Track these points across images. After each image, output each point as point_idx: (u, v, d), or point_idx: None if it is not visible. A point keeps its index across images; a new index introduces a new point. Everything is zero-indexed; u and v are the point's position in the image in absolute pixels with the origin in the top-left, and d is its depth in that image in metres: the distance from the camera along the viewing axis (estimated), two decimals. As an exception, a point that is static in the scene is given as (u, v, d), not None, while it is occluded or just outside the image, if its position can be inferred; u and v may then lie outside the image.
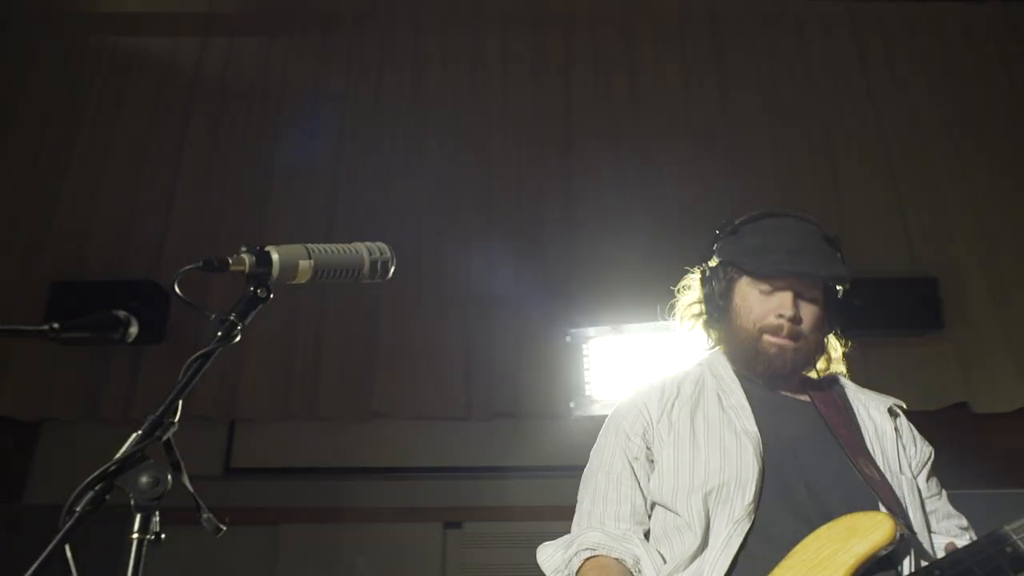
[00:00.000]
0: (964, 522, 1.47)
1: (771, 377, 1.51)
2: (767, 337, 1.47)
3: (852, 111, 4.91)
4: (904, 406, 1.60)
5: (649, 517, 1.47)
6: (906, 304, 4.16)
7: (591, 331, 3.44)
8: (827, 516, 1.28)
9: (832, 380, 1.62)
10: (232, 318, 1.14)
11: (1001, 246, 4.57)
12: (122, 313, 1.16)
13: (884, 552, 1.21)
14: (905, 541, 1.27)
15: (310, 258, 1.22)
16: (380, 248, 1.29)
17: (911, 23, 5.24)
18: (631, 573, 1.36)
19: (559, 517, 3.73)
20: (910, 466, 1.48)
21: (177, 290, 1.14)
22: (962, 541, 1.35)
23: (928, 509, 1.43)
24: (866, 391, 1.62)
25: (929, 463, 1.53)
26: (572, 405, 3.44)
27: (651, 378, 1.62)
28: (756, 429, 1.40)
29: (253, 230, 4.34)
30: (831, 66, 5.06)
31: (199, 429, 3.84)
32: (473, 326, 4.20)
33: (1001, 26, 5.28)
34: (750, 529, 1.29)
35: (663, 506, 1.42)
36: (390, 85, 4.86)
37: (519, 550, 3.83)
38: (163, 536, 0.99)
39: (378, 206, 4.47)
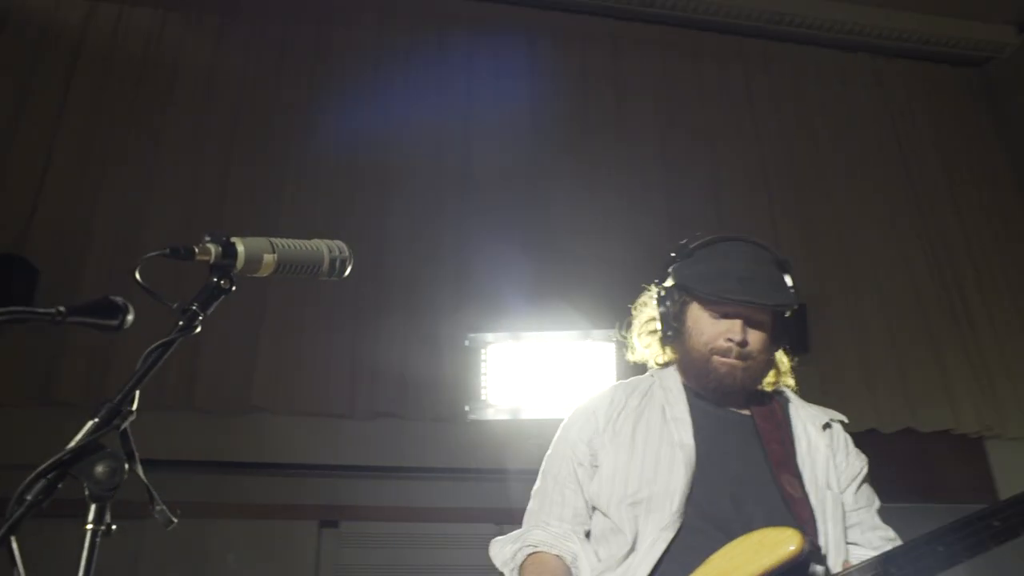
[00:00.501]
0: (890, 534, 1.54)
1: (720, 394, 1.59)
2: (716, 358, 1.55)
3: (738, 148, 5.20)
4: (845, 420, 1.70)
5: (590, 518, 1.56)
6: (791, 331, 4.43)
7: (490, 336, 3.49)
8: (748, 528, 1.36)
9: (777, 394, 1.70)
10: (194, 308, 1.12)
11: (862, 279, 4.97)
12: (120, 299, 1.12)
13: (790, 565, 1.29)
14: (814, 555, 1.35)
15: (274, 252, 1.21)
16: (339, 247, 1.28)
17: (797, 66, 5.63)
18: (568, 568, 1.48)
19: (445, 519, 3.78)
20: (839, 480, 1.55)
21: (138, 276, 1.11)
22: (872, 552, 1.42)
23: (852, 522, 1.51)
24: (809, 406, 1.70)
25: (859, 476, 1.61)
26: (467, 409, 3.47)
27: (606, 386, 1.72)
28: (692, 442, 1.49)
29: (136, 206, 4.15)
30: (719, 102, 5.36)
31: (64, 417, 3.63)
32: (364, 324, 4.17)
33: (875, 75, 5.77)
34: (675, 536, 1.38)
35: (600, 510, 1.51)
36: (288, 73, 4.77)
37: (395, 551, 3.85)
38: (114, 528, 0.96)
39: (264, 191, 4.38)
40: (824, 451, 1.56)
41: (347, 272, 1.27)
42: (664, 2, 5.32)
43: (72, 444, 0.96)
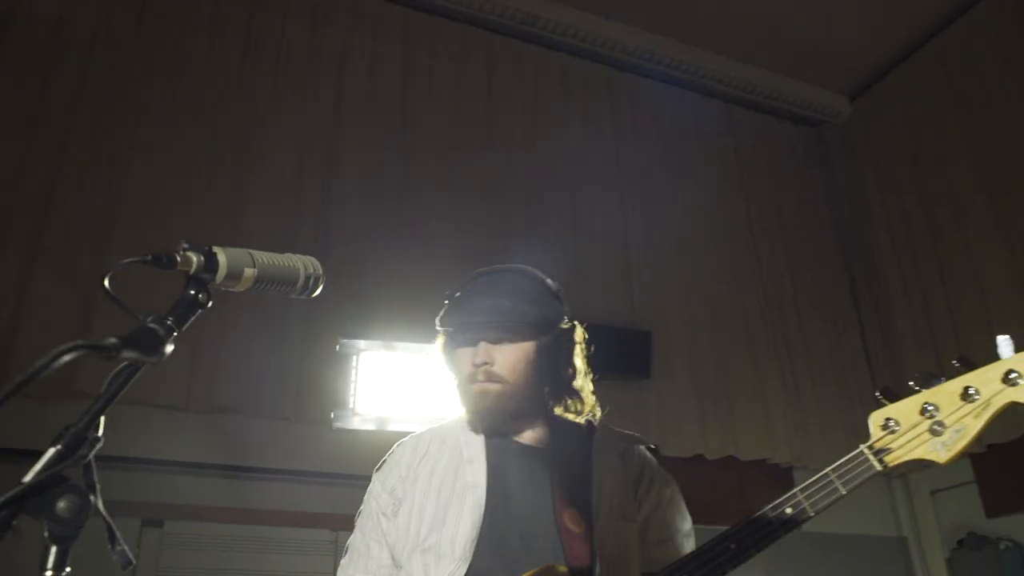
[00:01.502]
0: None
1: (486, 422, 1.58)
2: (470, 386, 1.56)
3: (598, 183, 5.44)
4: (652, 445, 1.71)
5: (399, 570, 1.51)
6: (624, 353, 4.68)
7: (362, 343, 3.43)
8: (535, 566, 1.34)
9: (582, 428, 1.67)
10: (169, 323, 1.03)
11: (701, 311, 5.34)
12: (159, 329, 1.00)
13: None
14: None
15: (255, 266, 1.14)
16: (314, 264, 1.21)
17: (657, 104, 5.98)
18: None
19: (279, 522, 3.65)
20: (638, 511, 1.55)
21: (107, 284, 1.01)
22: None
23: (653, 542, 1.53)
24: (615, 432, 1.69)
25: (662, 499, 1.61)
26: (333, 416, 3.38)
27: (419, 431, 1.70)
28: (484, 483, 1.47)
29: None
30: (585, 133, 5.61)
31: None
32: (213, 312, 3.98)
33: (727, 121, 6.24)
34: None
35: (396, 560, 1.49)
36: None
37: (221, 553, 3.70)
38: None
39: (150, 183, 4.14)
40: (621, 479, 1.54)
41: (318, 291, 1.20)
42: (536, 22, 5.51)
43: (31, 476, 0.84)
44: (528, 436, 1.61)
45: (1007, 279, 4.96)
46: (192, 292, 1.08)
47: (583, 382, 1.68)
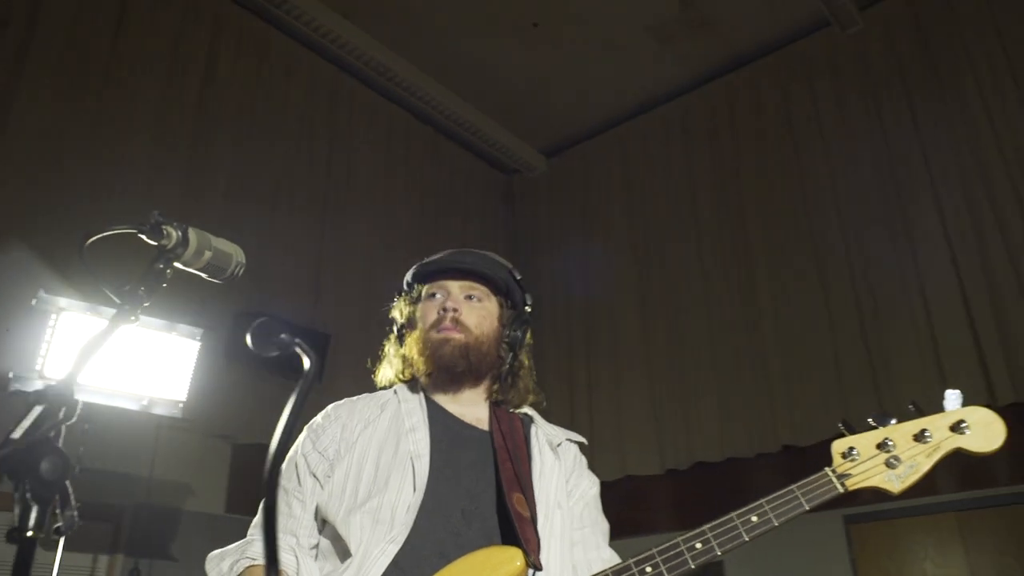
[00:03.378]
0: (606, 555, 1.57)
1: (442, 369, 1.61)
2: (432, 333, 1.61)
3: (304, 188, 5.54)
4: (584, 441, 1.74)
5: (320, 531, 1.53)
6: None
7: (63, 302, 3.05)
8: (475, 545, 1.40)
9: (521, 415, 1.71)
10: (141, 292, 1.05)
11: (378, 325, 5.61)
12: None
13: None
14: (535, 573, 1.41)
15: (211, 250, 1.17)
16: (240, 254, 1.24)
17: (375, 116, 6.23)
18: None
19: None
20: (568, 498, 1.60)
21: (83, 252, 1.01)
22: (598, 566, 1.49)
23: (575, 540, 1.56)
24: (550, 427, 1.72)
25: (587, 496, 1.64)
26: (11, 375, 2.96)
27: (350, 397, 1.69)
28: (428, 454, 1.50)
29: None
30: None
31: None
32: None
33: (434, 148, 6.67)
34: (401, 548, 1.38)
35: (329, 520, 1.49)
36: None
37: None
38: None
39: None
40: (558, 470, 1.61)
41: (234, 280, 1.23)
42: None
43: (17, 435, 0.83)
44: (471, 416, 1.64)
45: (656, 354, 5.98)
46: (161, 266, 1.11)
47: (527, 376, 1.72)
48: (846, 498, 1.41)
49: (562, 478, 1.61)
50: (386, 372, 1.72)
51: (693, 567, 1.37)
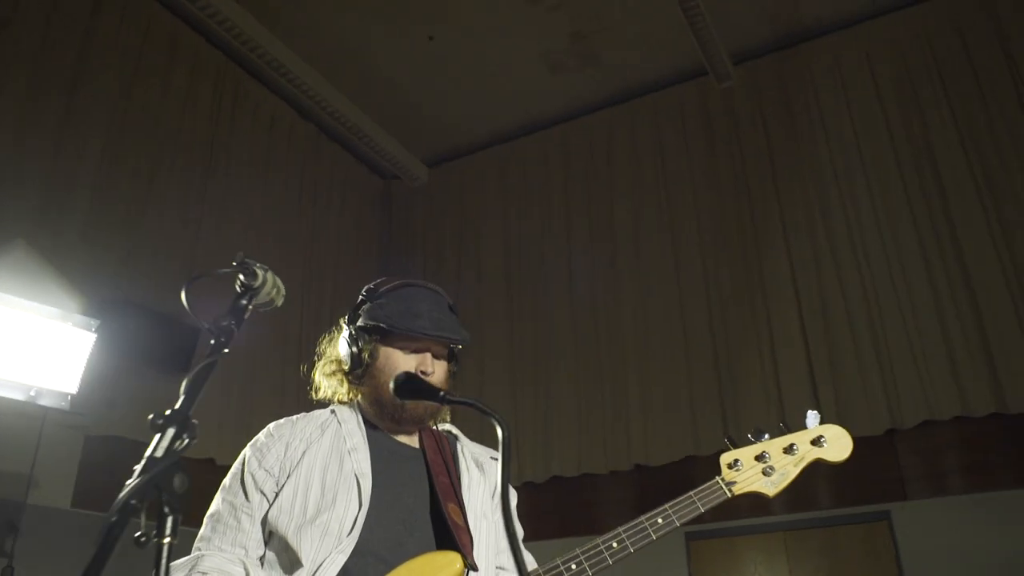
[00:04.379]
0: (529, 558, 1.69)
1: (410, 424, 1.76)
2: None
3: (180, 158, 5.43)
4: (496, 458, 1.85)
5: (266, 544, 1.63)
6: (169, 344, 4.69)
7: None
8: (417, 550, 1.57)
9: (446, 433, 1.87)
10: (232, 326, 1.19)
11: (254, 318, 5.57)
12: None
13: None
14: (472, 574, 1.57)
15: (275, 287, 1.30)
16: (280, 288, 1.34)
17: (261, 110, 6.17)
18: None
19: None
20: (494, 511, 1.77)
21: (184, 296, 1.14)
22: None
23: (501, 548, 1.74)
24: (474, 445, 1.90)
25: (512, 506, 1.74)
26: None
27: (289, 417, 1.78)
28: (369, 471, 1.64)
29: None
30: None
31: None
32: None
33: (316, 149, 6.66)
34: (351, 556, 1.53)
35: (278, 534, 1.59)
36: None
37: None
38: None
39: None
40: (483, 485, 1.79)
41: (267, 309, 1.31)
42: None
43: (158, 455, 0.95)
44: (403, 436, 1.78)
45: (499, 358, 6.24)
46: (244, 302, 1.25)
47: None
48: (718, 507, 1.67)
49: (487, 492, 1.79)
50: (326, 391, 1.84)
51: (611, 563, 1.57)
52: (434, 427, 1.85)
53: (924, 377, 5.08)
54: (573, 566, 1.56)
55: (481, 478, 1.80)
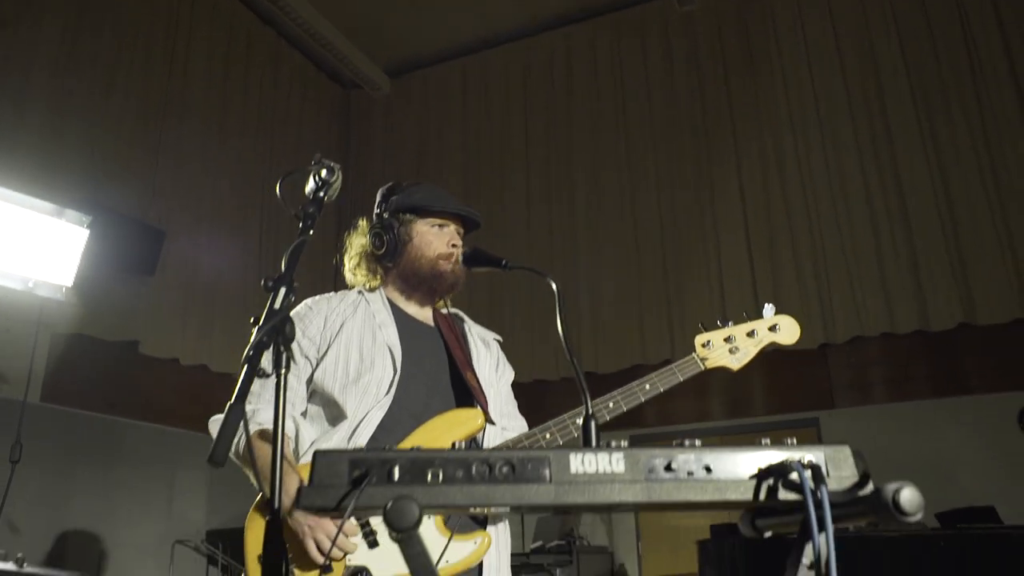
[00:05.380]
0: (520, 423, 2.06)
1: (446, 289, 2.03)
2: (443, 262, 1.99)
3: (138, 69, 5.44)
4: (500, 339, 2.19)
5: (308, 401, 1.91)
6: (135, 248, 4.82)
7: None
8: (440, 408, 1.86)
9: (455, 315, 2.13)
10: (312, 211, 1.43)
11: (212, 224, 5.72)
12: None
13: (475, 435, 1.82)
14: (488, 428, 1.88)
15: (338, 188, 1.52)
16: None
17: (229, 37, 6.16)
18: (289, 440, 1.83)
19: None
20: (498, 381, 2.08)
21: (278, 189, 1.44)
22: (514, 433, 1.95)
23: (503, 412, 2.04)
24: (478, 327, 2.17)
25: (510, 381, 2.13)
26: None
27: (322, 295, 2.03)
28: (398, 342, 1.92)
29: None
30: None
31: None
32: None
33: (275, 59, 6.68)
34: (387, 412, 1.82)
35: (324, 393, 1.88)
36: None
37: None
38: None
39: None
40: (489, 359, 2.09)
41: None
42: None
43: (276, 308, 1.21)
44: (421, 316, 2.05)
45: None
46: (322, 194, 1.49)
47: None
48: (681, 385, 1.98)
49: (493, 366, 2.10)
50: (354, 281, 2.09)
51: (608, 419, 1.86)
52: (443, 310, 2.11)
53: (857, 297, 5.51)
54: (578, 420, 1.83)
55: (487, 353, 2.09)
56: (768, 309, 2.05)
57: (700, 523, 4.88)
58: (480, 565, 1.75)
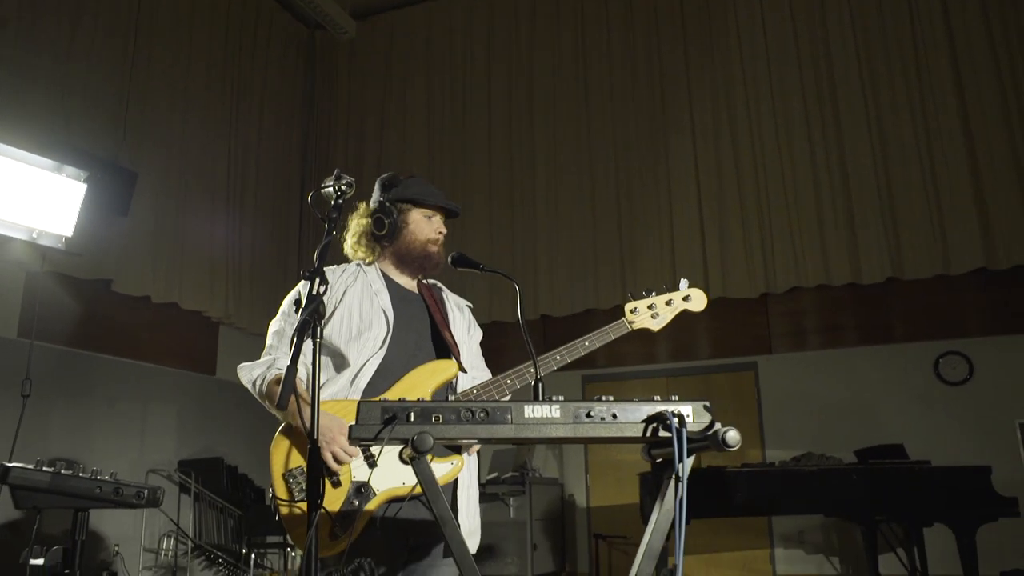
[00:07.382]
0: (486, 373, 2.44)
1: (428, 269, 2.44)
2: (431, 245, 2.42)
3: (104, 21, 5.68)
4: (471, 306, 2.57)
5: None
6: (108, 189, 5.12)
7: None
8: (424, 359, 2.28)
9: (435, 285, 2.54)
10: (334, 217, 1.83)
11: (183, 166, 6.03)
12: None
13: (450, 381, 2.24)
14: (460, 376, 2.29)
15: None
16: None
17: None
18: (303, 381, 2.18)
19: None
20: (469, 339, 2.49)
21: (311, 200, 1.83)
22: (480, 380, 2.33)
23: (472, 364, 2.44)
24: (453, 295, 2.56)
25: (479, 340, 2.52)
26: None
27: (330, 267, 2.40)
28: (391, 306, 2.35)
29: None
30: None
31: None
32: None
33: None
34: (382, 361, 2.23)
35: (331, 346, 2.30)
36: None
37: None
38: None
39: None
40: (463, 322, 2.51)
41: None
42: None
43: (314, 293, 1.65)
44: (408, 285, 2.45)
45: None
46: (340, 202, 1.87)
47: None
48: (617, 341, 2.47)
49: (465, 327, 2.51)
50: (355, 255, 2.50)
51: (555, 368, 2.26)
52: (426, 282, 2.53)
53: (797, 249, 6.07)
54: (510, 380, 2.27)
55: (461, 317, 2.51)
56: (683, 283, 2.49)
57: (642, 458, 5.48)
58: (455, 482, 2.21)
